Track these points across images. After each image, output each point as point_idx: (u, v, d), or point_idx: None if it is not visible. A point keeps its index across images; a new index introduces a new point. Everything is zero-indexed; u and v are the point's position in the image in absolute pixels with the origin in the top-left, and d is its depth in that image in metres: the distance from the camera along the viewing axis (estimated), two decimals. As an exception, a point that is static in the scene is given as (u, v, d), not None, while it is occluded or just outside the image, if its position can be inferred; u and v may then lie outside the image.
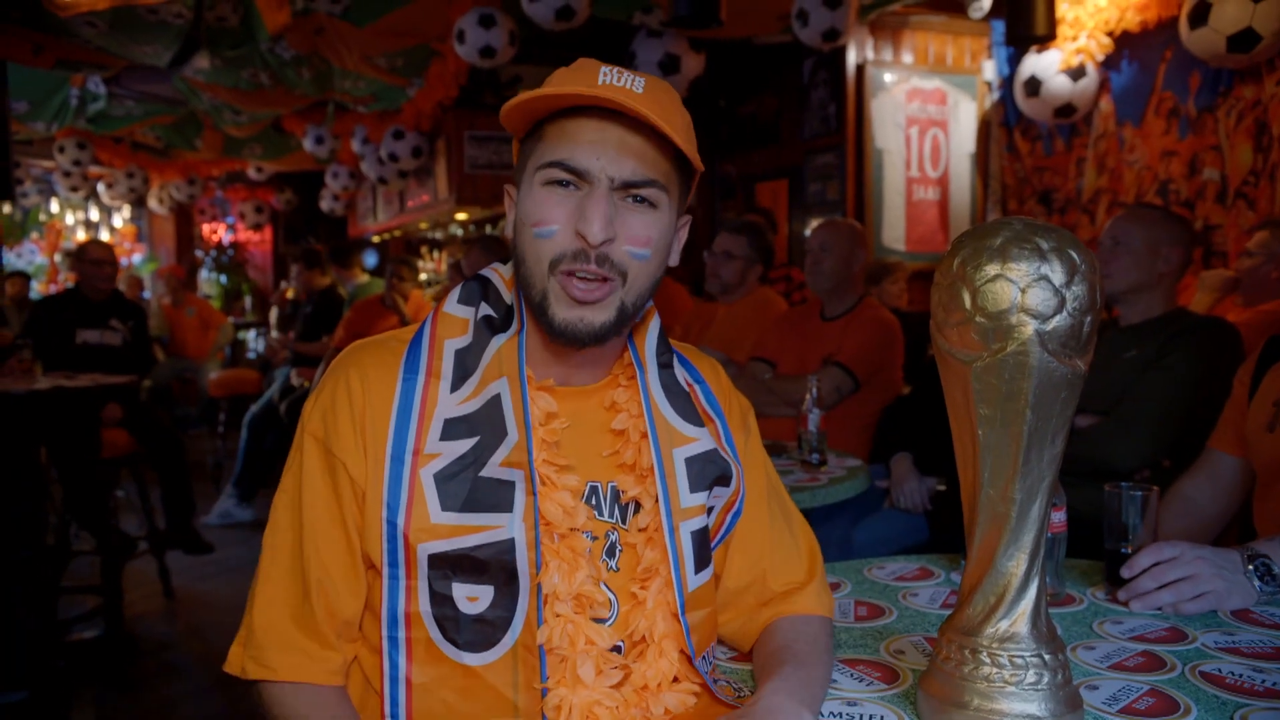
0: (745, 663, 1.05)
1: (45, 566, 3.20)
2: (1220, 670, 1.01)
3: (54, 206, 10.53)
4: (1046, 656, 0.85)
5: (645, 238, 0.92)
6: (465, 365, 0.96)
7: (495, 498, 0.91)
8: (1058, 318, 0.81)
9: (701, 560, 0.98)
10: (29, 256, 10.38)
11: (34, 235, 10.52)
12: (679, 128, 0.92)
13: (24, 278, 7.57)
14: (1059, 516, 1.26)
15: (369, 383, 0.95)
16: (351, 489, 0.93)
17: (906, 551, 2.42)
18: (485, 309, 0.99)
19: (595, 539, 0.96)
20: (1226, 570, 1.23)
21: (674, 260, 1.00)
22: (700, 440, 1.01)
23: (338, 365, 0.98)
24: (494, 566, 0.90)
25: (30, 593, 3.00)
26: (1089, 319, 0.82)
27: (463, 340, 0.97)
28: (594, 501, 0.97)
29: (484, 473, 0.91)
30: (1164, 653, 1.06)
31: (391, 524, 0.90)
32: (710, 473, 1.00)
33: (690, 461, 0.99)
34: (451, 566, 0.90)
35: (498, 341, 0.96)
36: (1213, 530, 1.72)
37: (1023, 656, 0.84)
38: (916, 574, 1.39)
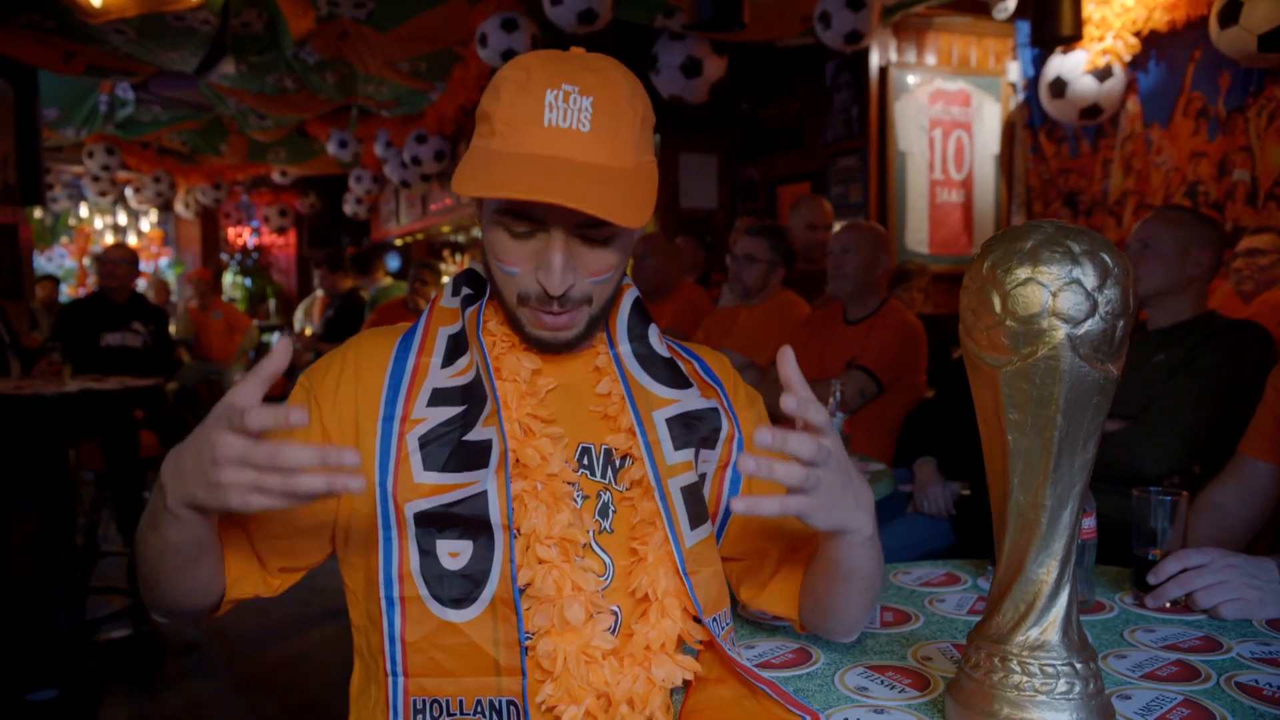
0: (771, 669, 1.04)
1: (75, 567, 3.24)
2: (1257, 681, 0.99)
3: (83, 211, 10.69)
4: (1078, 665, 0.83)
5: (606, 267, 0.96)
6: (458, 346, 1.01)
7: (475, 457, 0.94)
8: (1090, 322, 0.80)
9: (696, 516, 0.98)
10: (59, 260, 10.54)
11: (64, 239, 10.68)
12: (629, 143, 0.91)
13: (53, 281, 7.69)
14: (1089, 523, 1.25)
15: (363, 358, 1.01)
16: (322, 427, 0.98)
17: (930, 556, 2.40)
18: (466, 291, 1.05)
19: (587, 498, 0.98)
20: (1259, 578, 1.20)
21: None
22: (681, 401, 1.02)
23: (343, 346, 1.05)
24: (472, 521, 0.92)
25: (62, 593, 3.04)
26: (1122, 323, 0.81)
27: (454, 327, 1.03)
28: (586, 461, 0.99)
29: (468, 436, 0.95)
30: (1198, 662, 1.05)
31: (383, 486, 0.94)
32: (694, 430, 1.01)
33: (671, 422, 1.00)
34: (435, 524, 0.93)
35: (469, 311, 1.01)
36: (1243, 538, 1.69)
37: (1054, 665, 0.83)
38: (943, 579, 1.38)
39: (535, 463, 0.95)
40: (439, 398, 0.97)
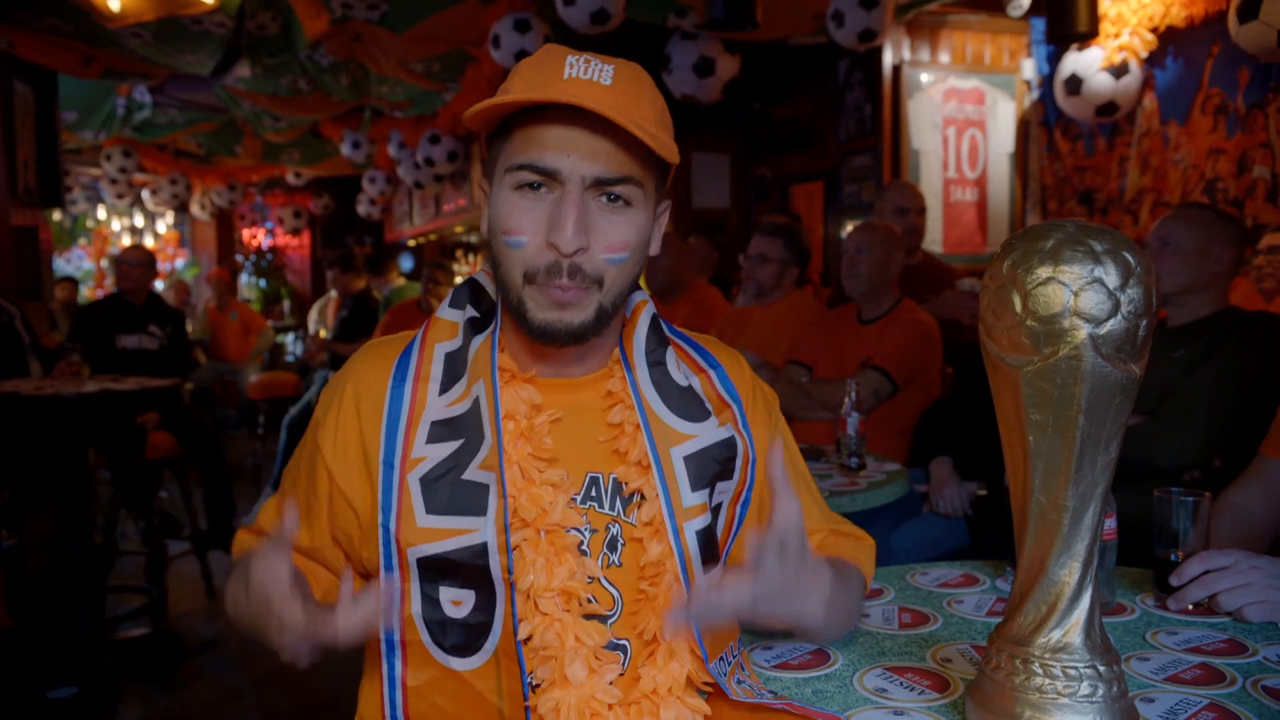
0: (790, 670, 1.04)
1: (94, 565, 3.26)
2: (1281, 683, 0.98)
3: (101, 213, 10.77)
4: (1101, 668, 0.83)
5: (622, 242, 0.91)
6: (455, 368, 0.96)
7: (472, 501, 0.91)
8: (1112, 321, 0.79)
9: (709, 558, 0.95)
10: (77, 262, 10.62)
11: (82, 241, 10.76)
12: (650, 118, 0.90)
13: (73, 283, 7.74)
14: (1110, 524, 1.24)
15: (361, 390, 0.98)
16: (329, 481, 0.97)
17: (946, 557, 2.39)
18: (471, 310, 1.00)
19: (595, 531, 0.94)
20: (1284, 580, 1.19)
21: (654, 249, 0.99)
22: (699, 436, 0.97)
23: (342, 373, 1.03)
24: (471, 570, 0.90)
25: (81, 592, 3.07)
26: (1144, 322, 0.80)
27: (453, 344, 0.98)
28: (594, 493, 0.95)
29: (464, 475, 0.92)
30: (1223, 665, 1.04)
31: (386, 529, 0.92)
32: (710, 470, 0.97)
33: (689, 460, 0.96)
34: (436, 570, 0.91)
35: (476, 342, 0.96)
36: (1266, 540, 1.68)
37: (1076, 668, 0.82)
38: (961, 580, 1.37)
39: (533, 515, 0.91)
40: (438, 432, 0.93)
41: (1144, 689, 0.97)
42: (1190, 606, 1.21)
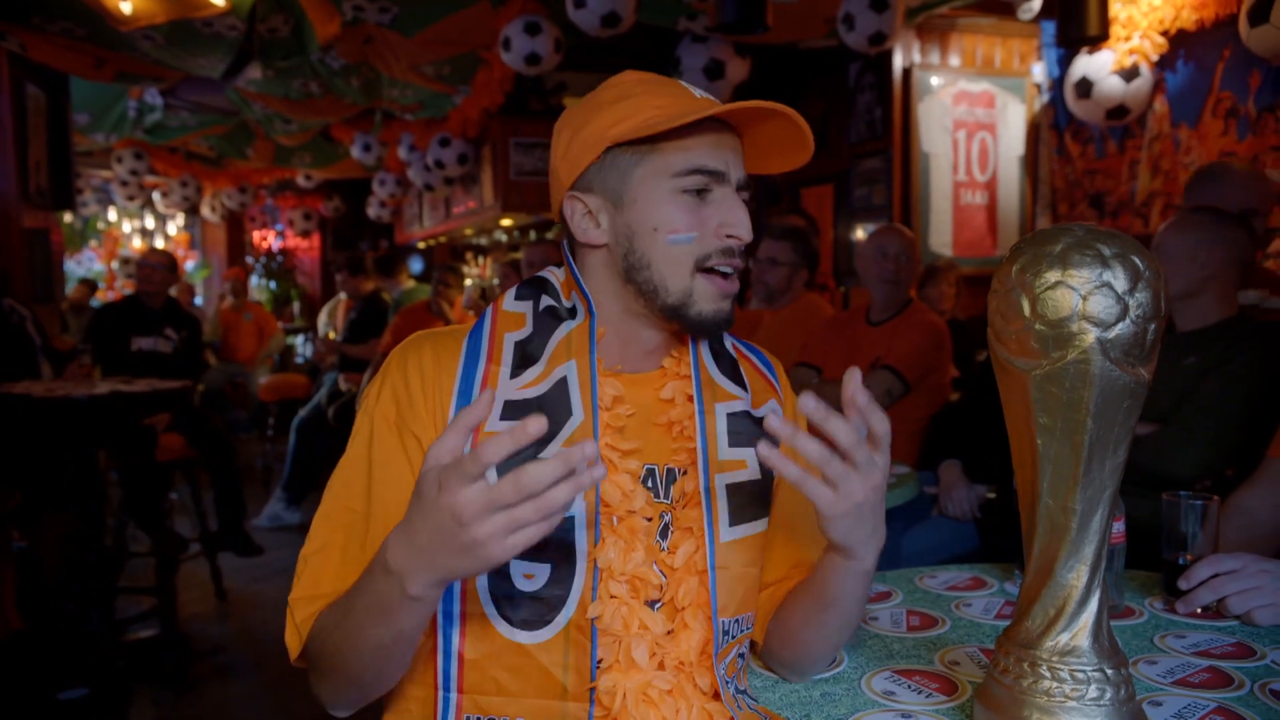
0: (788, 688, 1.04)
1: (105, 567, 3.28)
2: (1290, 688, 0.98)
3: (112, 215, 10.82)
4: (1109, 671, 0.83)
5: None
6: (527, 354, 0.98)
7: None
8: (1120, 325, 0.79)
9: (738, 513, 0.97)
10: (88, 264, 10.68)
11: (92, 243, 10.82)
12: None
13: (89, 285, 7.71)
14: (1118, 527, 1.24)
15: (427, 367, 0.98)
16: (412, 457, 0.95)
17: (956, 560, 2.39)
18: (547, 301, 1.02)
19: (650, 520, 0.97)
20: (1293, 584, 1.19)
21: None
22: (742, 400, 1.03)
23: (399, 353, 1.00)
24: (553, 544, 0.90)
25: (92, 593, 3.08)
26: (1153, 326, 0.80)
27: (522, 333, 1.00)
28: (650, 484, 0.98)
29: (545, 453, 0.90)
30: (1231, 669, 1.03)
31: None
32: (752, 430, 1.01)
33: (732, 417, 1.01)
34: None
35: (566, 328, 0.99)
36: (1274, 543, 1.67)
37: (1084, 671, 0.83)
38: (969, 584, 1.37)
39: (617, 499, 0.94)
40: (511, 410, 0.94)
41: (1152, 692, 0.97)
42: (1199, 610, 1.21)
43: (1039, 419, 0.83)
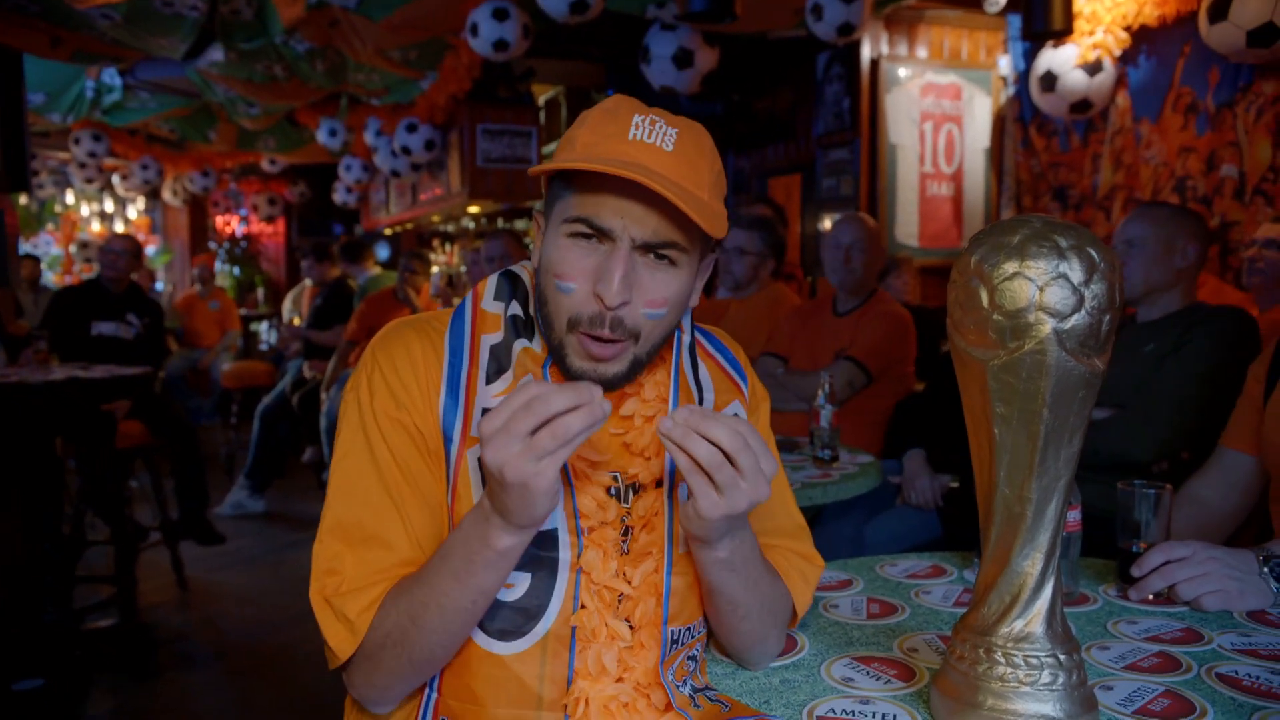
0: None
1: (62, 556, 3.22)
2: (1237, 672, 1.00)
3: (69, 198, 10.59)
4: (1061, 657, 0.84)
5: (662, 299, 0.93)
6: (499, 360, 0.98)
7: None
8: (1076, 316, 0.80)
9: None
10: (44, 248, 10.44)
11: (49, 227, 10.58)
12: (706, 185, 0.93)
13: (34, 261, 7.52)
14: (1073, 515, 1.26)
15: (416, 357, 0.97)
16: (429, 455, 0.95)
17: (918, 548, 2.42)
18: (515, 307, 1.01)
19: (617, 531, 0.97)
20: (1240, 570, 1.22)
21: (693, 301, 1.02)
22: (708, 399, 1.04)
23: (384, 343, 0.99)
24: (532, 554, 0.90)
25: (48, 582, 3.03)
26: (1108, 318, 0.81)
27: (496, 336, 0.99)
28: (614, 492, 0.98)
29: None
30: (1180, 654, 1.06)
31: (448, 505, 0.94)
32: None
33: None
34: None
35: (519, 346, 0.99)
36: (1225, 530, 1.71)
37: (1038, 656, 0.84)
38: (929, 571, 1.39)
39: (593, 510, 0.94)
40: None
41: (1104, 677, 0.99)
42: (1150, 596, 1.24)
43: (996, 409, 0.84)
